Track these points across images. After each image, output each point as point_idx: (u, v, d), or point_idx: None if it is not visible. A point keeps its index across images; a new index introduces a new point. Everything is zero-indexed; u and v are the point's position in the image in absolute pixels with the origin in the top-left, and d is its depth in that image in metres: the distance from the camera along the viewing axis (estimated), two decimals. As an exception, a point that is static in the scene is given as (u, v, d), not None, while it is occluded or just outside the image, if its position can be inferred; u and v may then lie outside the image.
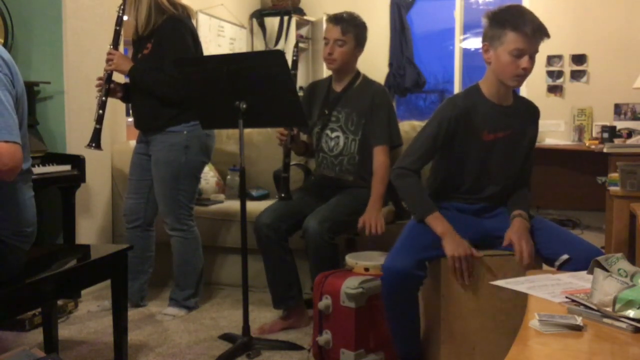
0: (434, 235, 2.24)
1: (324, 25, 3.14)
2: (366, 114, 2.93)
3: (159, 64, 2.97)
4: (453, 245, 2.19)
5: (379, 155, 2.89)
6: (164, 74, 2.95)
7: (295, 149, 3.04)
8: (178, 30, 2.98)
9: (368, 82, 3.03)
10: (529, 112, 2.46)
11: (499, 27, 2.22)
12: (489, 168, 2.38)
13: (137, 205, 3.21)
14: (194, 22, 3.14)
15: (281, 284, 2.93)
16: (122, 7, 3.01)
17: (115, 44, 3.03)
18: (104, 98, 2.98)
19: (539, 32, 2.20)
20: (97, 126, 2.94)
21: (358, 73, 3.04)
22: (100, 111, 2.95)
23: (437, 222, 2.25)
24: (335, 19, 2.94)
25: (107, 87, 3.01)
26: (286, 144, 2.89)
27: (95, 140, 2.93)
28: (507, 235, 2.25)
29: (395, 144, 2.97)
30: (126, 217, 3.25)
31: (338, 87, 3.03)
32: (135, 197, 3.22)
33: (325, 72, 3.08)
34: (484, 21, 2.31)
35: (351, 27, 2.92)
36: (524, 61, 2.21)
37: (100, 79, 3.05)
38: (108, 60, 3.02)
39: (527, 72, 2.24)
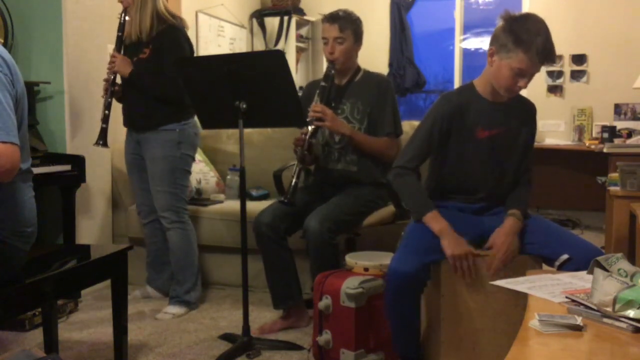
0: (436, 238, 2.23)
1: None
2: (372, 102, 2.98)
3: (157, 68, 3.06)
4: (451, 244, 2.19)
5: (384, 142, 2.97)
6: (164, 76, 3.04)
7: (307, 158, 2.96)
8: (177, 38, 3.12)
9: (370, 74, 3.09)
10: (525, 110, 2.44)
11: (512, 42, 2.17)
12: (485, 166, 2.37)
13: (148, 199, 3.26)
14: (188, 33, 3.23)
15: (280, 283, 2.93)
16: (123, 14, 3.12)
17: (118, 48, 3.13)
18: (109, 99, 3.12)
19: (548, 58, 2.19)
20: (104, 125, 3.09)
21: (359, 67, 3.08)
22: (106, 111, 3.11)
23: (435, 221, 2.25)
24: (332, 18, 2.95)
25: (112, 89, 3.13)
26: (302, 150, 2.88)
27: (103, 138, 3.09)
28: (492, 237, 2.25)
29: (399, 134, 3.04)
30: (141, 214, 3.34)
31: (340, 82, 3.05)
32: (143, 193, 3.29)
33: (326, 72, 3.07)
34: (499, 22, 2.24)
35: (348, 24, 2.94)
36: (523, 81, 2.22)
37: (106, 80, 3.16)
38: (110, 63, 3.13)
39: (521, 89, 2.26)
